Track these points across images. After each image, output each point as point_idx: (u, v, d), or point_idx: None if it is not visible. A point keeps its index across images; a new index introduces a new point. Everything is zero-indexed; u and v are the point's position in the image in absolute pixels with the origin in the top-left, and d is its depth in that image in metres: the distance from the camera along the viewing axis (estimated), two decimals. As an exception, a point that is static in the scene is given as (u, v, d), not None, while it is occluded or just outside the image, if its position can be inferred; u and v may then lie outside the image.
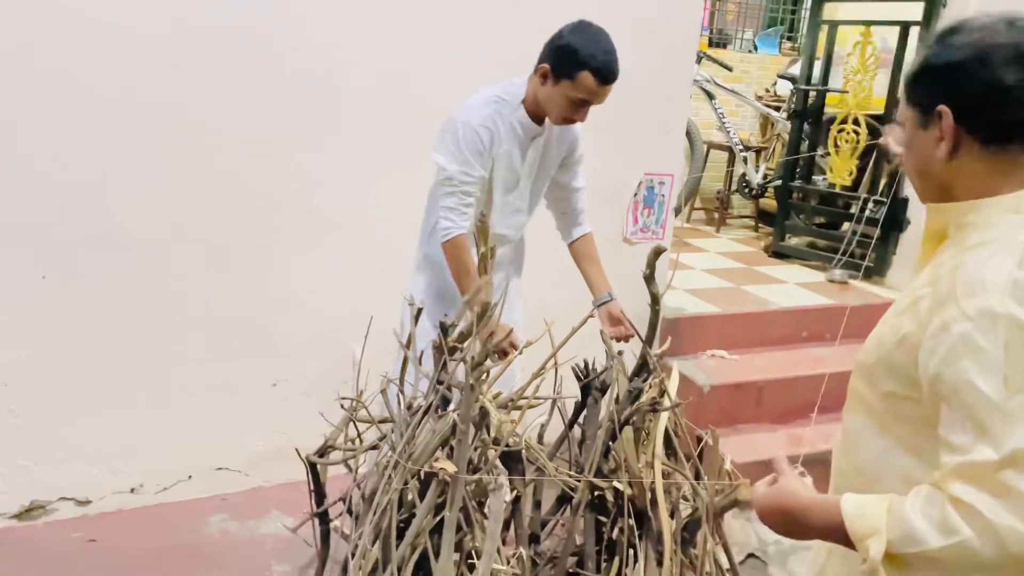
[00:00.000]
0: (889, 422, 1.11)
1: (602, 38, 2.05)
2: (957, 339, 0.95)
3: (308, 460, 2.03)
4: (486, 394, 1.57)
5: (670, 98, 3.25)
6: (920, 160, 1.10)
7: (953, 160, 1.05)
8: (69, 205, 2.45)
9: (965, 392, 0.93)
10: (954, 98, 1.03)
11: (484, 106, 2.15)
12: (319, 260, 2.79)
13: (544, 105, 2.13)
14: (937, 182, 1.09)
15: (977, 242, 1.02)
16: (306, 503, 2.16)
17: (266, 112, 2.61)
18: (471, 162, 2.10)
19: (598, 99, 2.09)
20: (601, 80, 2.03)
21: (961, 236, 1.06)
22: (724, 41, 6.97)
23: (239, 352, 2.76)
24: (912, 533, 0.93)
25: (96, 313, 2.54)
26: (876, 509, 0.97)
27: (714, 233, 5.53)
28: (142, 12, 2.40)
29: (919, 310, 1.03)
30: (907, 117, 1.11)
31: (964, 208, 1.06)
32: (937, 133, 1.05)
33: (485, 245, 1.55)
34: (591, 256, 2.40)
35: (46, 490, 2.62)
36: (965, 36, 1.03)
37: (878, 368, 1.11)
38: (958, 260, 1.01)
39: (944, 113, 1.03)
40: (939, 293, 1.00)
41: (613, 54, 2.05)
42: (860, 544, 0.97)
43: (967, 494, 0.90)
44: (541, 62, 2.10)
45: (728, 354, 3.55)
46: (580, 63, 2.02)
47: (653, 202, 3.34)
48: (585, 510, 1.76)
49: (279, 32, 2.56)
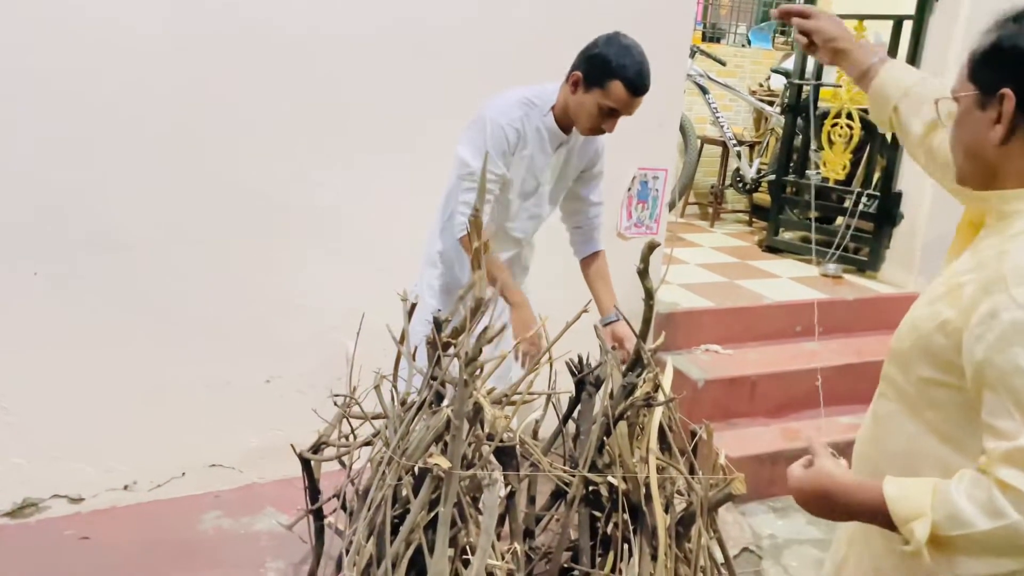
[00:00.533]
0: (921, 407, 1.12)
1: (635, 50, 2.05)
2: (1008, 326, 0.95)
3: (302, 456, 2.03)
4: (480, 389, 1.57)
5: (664, 93, 3.22)
6: (971, 140, 1.09)
7: (1005, 145, 1.05)
8: (63, 203, 2.43)
9: (1015, 378, 0.94)
10: (1021, 83, 1.02)
11: (515, 107, 2.15)
12: (314, 258, 2.78)
13: (573, 114, 2.13)
14: (984, 165, 1.08)
15: (1019, 231, 1.02)
16: (300, 499, 2.16)
17: (265, 112, 2.60)
18: (495, 160, 2.10)
19: (628, 110, 2.08)
20: (632, 91, 2.04)
21: (1004, 225, 1.06)
22: (718, 36, 6.97)
23: (233, 349, 2.75)
24: (958, 515, 0.93)
25: (89, 311, 2.53)
26: (920, 491, 0.98)
27: (708, 228, 5.53)
28: (142, 11, 2.38)
29: (961, 296, 1.03)
30: (965, 94, 1.09)
31: (1009, 196, 1.06)
32: (994, 115, 1.04)
33: (479, 240, 1.55)
34: (603, 275, 2.38)
35: (39, 487, 2.61)
36: None
37: (913, 353, 1.11)
38: (1004, 247, 1.01)
39: (1007, 96, 1.02)
40: (985, 280, 1.00)
41: (645, 66, 2.06)
42: (904, 526, 0.97)
43: (1015, 478, 0.91)
44: (573, 70, 2.11)
45: (722, 348, 3.55)
46: (612, 72, 2.02)
47: (647, 197, 3.34)
48: (580, 505, 1.76)
49: (278, 31, 2.55)
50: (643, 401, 1.73)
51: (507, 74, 2.29)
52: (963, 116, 1.10)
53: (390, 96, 2.73)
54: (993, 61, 1.05)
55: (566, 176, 2.33)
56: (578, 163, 2.33)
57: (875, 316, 3.88)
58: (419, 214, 2.42)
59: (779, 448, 3.16)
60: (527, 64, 2.59)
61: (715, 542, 1.74)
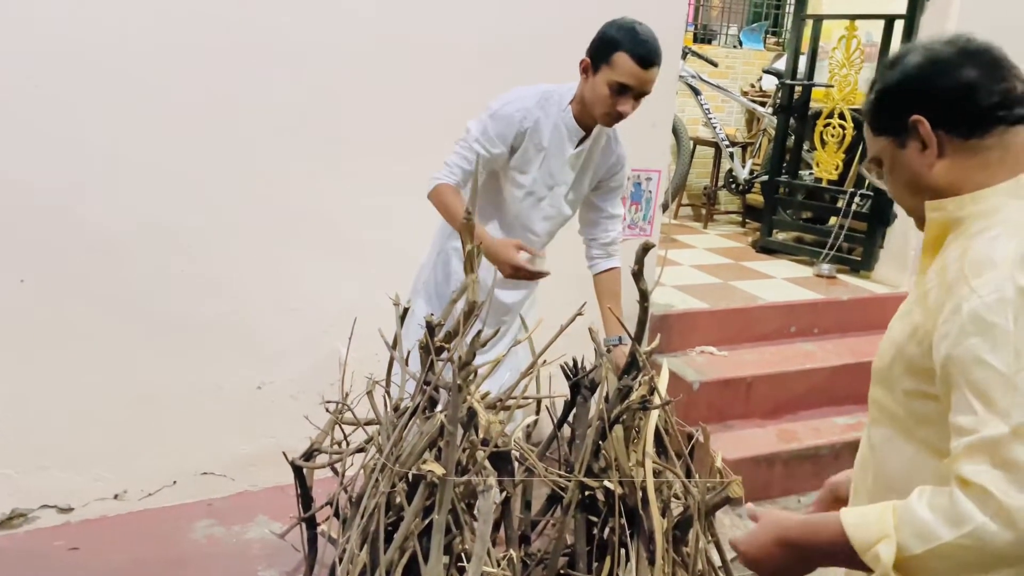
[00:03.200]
0: (913, 427, 1.09)
1: (640, 26, 2.01)
2: (966, 317, 0.93)
3: (294, 464, 2.01)
4: (474, 394, 1.55)
5: (656, 94, 3.17)
6: (911, 176, 1.11)
7: (941, 163, 1.07)
8: (49, 208, 2.40)
9: (974, 368, 0.91)
10: (925, 105, 1.07)
11: (530, 97, 2.13)
12: (305, 262, 2.76)
13: (589, 103, 2.07)
14: (932, 192, 1.10)
15: (982, 228, 1.02)
16: (293, 507, 2.14)
17: (253, 115, 2.57)
18: (492, 138, 2.09)
19: (639, 83, 2.00)
20: (638, 61, 1.97)
21: (963, 228, 1.06)
22: (709, 37, 6.97)
23: (224, 355, 2.73)
24: (922, 529, 0.89)
25: (77, 317, 2.50)
26: (880, 514, 0.94)
27: (701, 229, 5.53)
28: (127, 16, 2.36)
29: (928, 301, 1.03)
30: (880, 151, 1.14)
31: (964, 200, 1.06)
32: (917, 145, 1.08)
33: (471, 243, 1.53)
34: (612, 294, 2.30)
35: (27, 498, 2.58)
36: (912, 55, 1.10)
37: (895, 367, 1.10)
38: (964, 246, 1.01)
39: (919, 121, 1.07)
40: (947, 279, 1.00)
41: (652, 38, 2.00)
42: (867, 553, 0.93)
43: (977, 474, 0.86)
44: (583, 60, 2.07)
45: (717, 350, 3.54)
46: (616, 44, 1.98)
47: (640, 198, 3.32)
48: (576, 510, 1.74)
49: (268, 34, 2.53)
50: (639, 404, 1.71)
51: (503, 79, 2.27)
52: (892, 166, 1.14)
53: (383, 101, 2.72)
54: (888, 103, 1.11)
55: (584, 179, 2.27)
56: (598, 168, 2.27)
57: (870, 316, 3.87)
58: (411, 218, 2.39)
59: (775, 450, 3.14)
60: (523, 69, 2.57)
61: (713, 546, 1.72)
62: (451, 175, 2.09)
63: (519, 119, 2.10)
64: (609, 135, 2.25)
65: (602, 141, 2.23)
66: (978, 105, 1.05)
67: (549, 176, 2.19)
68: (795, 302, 3.84)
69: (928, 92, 1.08)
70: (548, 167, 2.17)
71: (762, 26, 7.04)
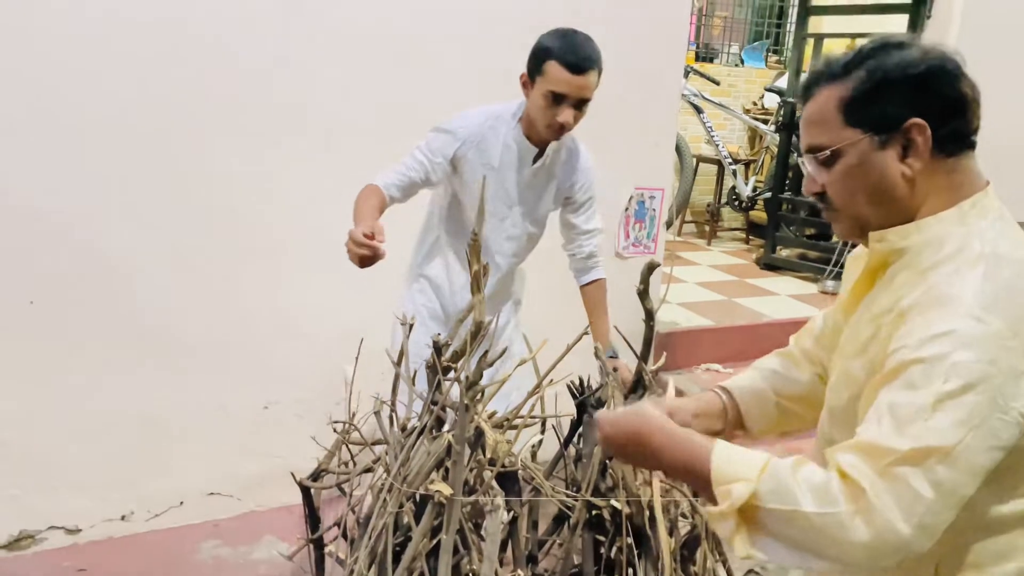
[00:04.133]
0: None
1: (571, 32, 1.96)
2: (915, 345, 0.92)
3: (302, 484, 2.01)
4: (481, 414, 1.55)
5: (659, 113, 3.26)
6: (876, 184, 1.03)
7: (917, 177, 1.02)
8: (58, 231, 2.42)
9: (902, 392, 0.90)
10: (926, 109, 0.99)
11: (475, 116, 2.12)
12: (311, 281, 2.77)
13: (532, 117, 2.05)
14: (899, 205, 1.04)
15: (935, 262, 0.99)
16: (300, 527, 2.14)
17: (256, 135, 2.60)
18: (433, 149, 2.09)
19: (573, 90, 1.95)
20: (569, 67, 1.92)
21: (908, 259, 1.03)
22: (711, 55, 7.01)
23: (231, 375, 2.73)
24: (786, 490, 0.89)
25: (85, 338, 2.52)
26: (750, 460, 0.94)
27: (705, 246, 5.54)
28: (135, 37, 2.39)
29: (881, 336, 1.00)
30: (844, 143, 1.04)
31: (909, 229, 1.03)
32: (898, 150, 1.01)
33: (478, 263, 1.54)
34: (597, 304, 2.29)
35: (35, 519, 2.58)
36: (915, 52, 1.01)
37: (851, 406, 1.05)
38: (921, 281, 0.99)
39: (918, 126, 0.99)
40: (900, 310, 0.98)
41: (584, 43, 1.95)
42: (720, 487, 0.93)
43: (857, 471, 0.87)
44: (522, 73, 2.05)
45: (722, 367, 3.54)
46: (545, 54, 1.94)
47: (644, 216, 3.34)
48: (583, 529, 1.74)
49: (266, 53, 2.56)
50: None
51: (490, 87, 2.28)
52: (857, 165, 1.03)
53: (384, 119, 2.74)
54: (884, 95, 1.01)
55: (546, 196, 2.23)
56: (561, 184, 2.24)
57: (875, 332, 3.86)
58: (414, 235, 2.40)
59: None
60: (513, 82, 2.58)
61: (720, 565, 1.71)
62: (384, 178, 2.07)
63: (462, 136, 2.08)
64: (570, 148, 2.22)
65: (562, 156, 2.20)
66: (968, 124, 1.02)
67: (506, 194, 2.15)
68: (800, 319, 3.81)
69: (935, 96, 1.00)
70: (504, 185, 2.14)
71: (763, 45, 7.08)
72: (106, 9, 2.34)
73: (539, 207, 2.25)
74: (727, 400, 1.36)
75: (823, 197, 1.10)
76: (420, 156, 2.10)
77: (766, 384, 1.37)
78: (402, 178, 2.08)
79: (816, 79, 1.08)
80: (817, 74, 1.08)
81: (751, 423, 1.37)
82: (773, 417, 1.37)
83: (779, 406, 1.36)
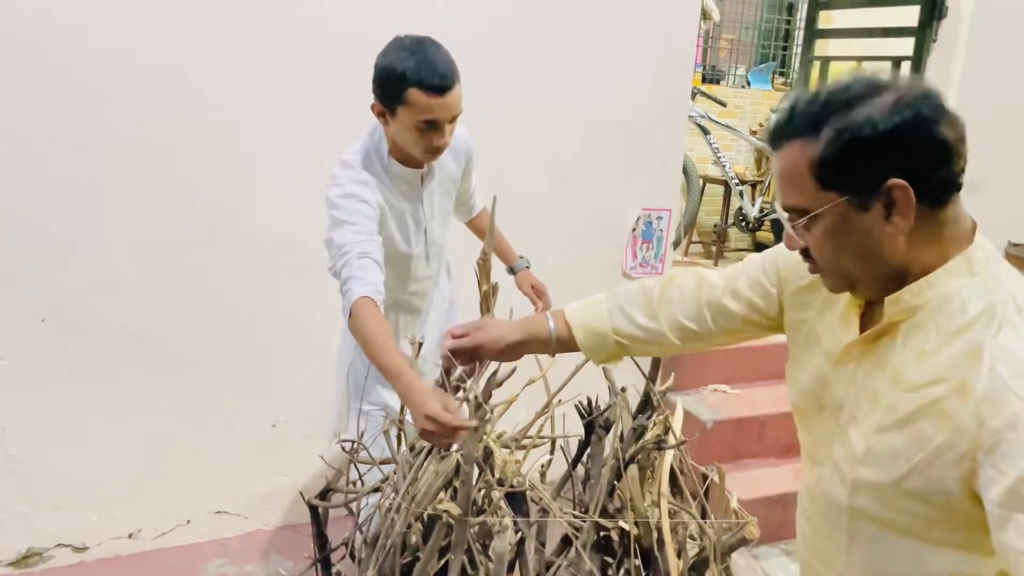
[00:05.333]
0: (914, 528, 1.01)
1: (419, 46, 1.77)
2: None
3: (310, 503, 2.01)
4: (490, 434, 1.56)
5: (666, 134, 3.27)
6: (863, 245, 0.97)
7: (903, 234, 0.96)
8: (67, 249, 2.45)
9: None
10: (903, 166, 0.91)
11: (354, 169, 1.92)
12: (319, 299, 2.78)
13: (403, 146, 1.89)
14: (889, 267, 0.98)
15: (965, 322, 0.94)
16: (307, 546, 2.13)
17: (266, 153, 2.62)
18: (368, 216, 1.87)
19: (444, 112, 1.78)
20: (434, 91, 1.74)
21: (923, 317, 0.98)
22: (717, 77, 7.06)
23: (238, 394, 2.74)
24: None
25: (94, 357, 2.53)
26: None
27: (712, 266, 5.55)
28: (143, 52, 2.42)
29: (946, 413, 0.93)
30: (821, 206, 0.96)
31: (921, 286, 0.98)
32: (881, 211, 0.94)
33: (487, 283, 1.55)
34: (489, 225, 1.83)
35: (43, 537, 2.58)
36: (886, 100, 0.91)
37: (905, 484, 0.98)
38: (969, 347, 0.93)
39: (900, 187, 0.92)
40: (974, 390, 0.90)
41: (437, 57, 1.76)
42: None
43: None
44: (374, 103, 1.86)
45: (730, 388, 3.53)
46: (403, 81, 1.74)
47: (652, 237, 3.35)
48: (590, 551, 1.74)
49: (271, 65, 2.59)
50: (654, 444, 1.71)
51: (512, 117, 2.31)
52: (839, 227, 0.96)
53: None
54: (856, 157, 0.92)
55: (446, 202, 2.14)
56: (453, 177, 2.12)
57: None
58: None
59: (790, 490, 3.11)
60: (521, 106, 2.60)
61: (729, 587, 1.70)
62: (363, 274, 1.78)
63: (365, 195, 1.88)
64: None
65: (444, 155, 2.03)
66: (951, 171, 0.93)
67: (414, 223, 2.05)
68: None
69: (913, 151, 0.91)
70: (413, 217, 2.04)
71: (770, 66, 7.13)
72: (109, 26, 2.37)
73: (443, 214, 2.15)
74: (558, 326, 1.42)
75: (807, 255, 1.04)
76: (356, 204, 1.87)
77: (605, 322, 1.40)
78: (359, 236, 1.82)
79: (782, 131, 0.98)
80: (783, 125, 0.99)
81: (587, 352, 1.43)
82: (611, 352, 1.42)
83: (617, 344, 1.40)
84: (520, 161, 2.91)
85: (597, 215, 3.17)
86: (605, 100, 2.99)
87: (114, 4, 2.35)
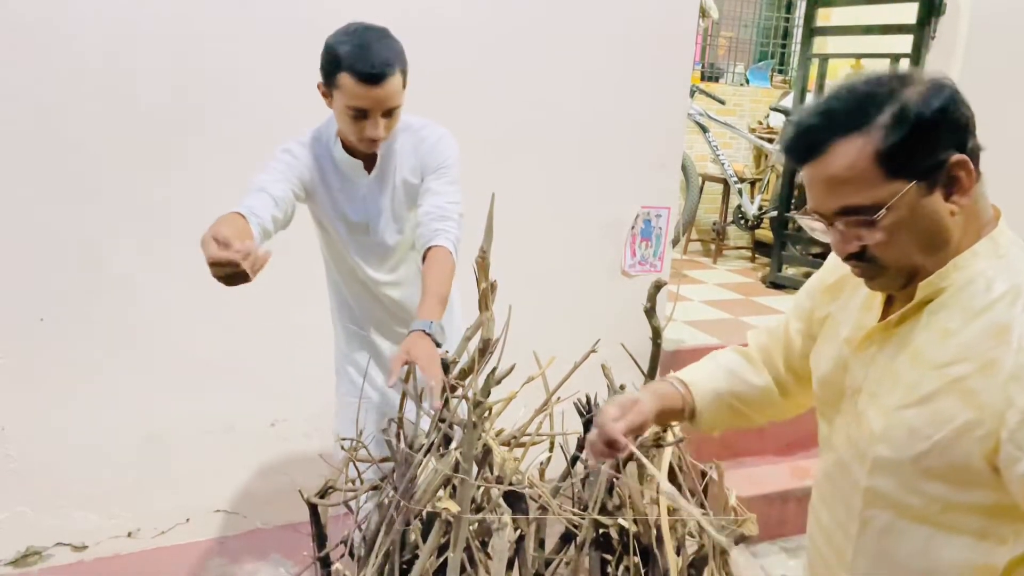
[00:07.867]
0: (930, 514, 1.01)
1: (362, 31, 1.70)
2: None
3: (309, 502, 2.01)
4: (489, 431, 1.56)
5: (665, 132, 3.27)
6: (930, 231, 0.97)
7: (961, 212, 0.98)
8: (67, 248, 2.45)
9: None
10: (957, 141, 0.95)
11: (300, 143, 1.93)
12: (319, 299, 2.78)
13: (342, 132, 1.84)
14: (949, 247, 0.99)
15: (989, 300, 0.95)
16: (306, 545, 2.13)
17: (267, 153, 2.62)
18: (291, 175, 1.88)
19: (374, 103, 1.71)
20: (363, 79, 1.67)
21: (947, 297, 0.99)
22: (716, 75, 7.05)
23: (238, 392, 2.74)
24: None
25: (92, 355, 2.53)
26: None
27: (711, 264, 5.55)
28: (146, 50, 2.42)
29: (971, 391, 0.93)
30: (892, 199, 0.95)
31: (948, 270, 0.99)
32: (942, 192, 0.95)
33: (486, 281, 1.55)
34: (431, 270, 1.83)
35: (42, 536, 2.58)
36: (923, 82, 0.95)
37: (925, 462, 0.98)
38: (994, 326, 0.93)
39: (960, 162, 0.94)
40: (1002, 368, 0.91)
41: (375, 45, 1.68)
42: None
43: None
44: (319, 81, 1.80)
45: (729, 386, 3.53)
46: (336, 63, 1.69)
47: (651, 235, 3.35)
48: (590, 548, 1.74)
49: (273, 71, 2.59)
50: (652, 441, 1.71)
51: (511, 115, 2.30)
52: (908, 217, 0.96)
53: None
54: (923, 137, 0.93)
55: (399, 199, 1.99)
56: (409, 179, 1.97)
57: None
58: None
59: (788, 487, 3.12)
60: (520, 104, 2.60)
61: (728, 585, 1.70)
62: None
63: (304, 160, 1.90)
64: (405, 139, 1.95)
65: (397, 151, 1.94)
66: (976, 143, 0.97)
67: (354, 212, 1.97)
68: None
69: (956, 127, 0.95)
70: (353, 203, 1.95)
71: (768, 64, 7.12)
72: (109, 26, 2.37)
73: (398, 211, 2.01)
74: (685, 395, 1.38)
75: (862, 256, 1.02)
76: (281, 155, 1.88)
77: (724, 385, 1.39)
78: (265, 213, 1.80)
79: (822, 133, 0.97)
80: (821, 128, 0.97)
81: (702, 421, 1.40)
82: (724, 418, 1.40)
83: (731, 408, 1.39)
84: (519, 159, 2.91)
85: (596, 213, 3.17)
86: (604, 98, 2.99)
87: (115, 4, 2.35)
